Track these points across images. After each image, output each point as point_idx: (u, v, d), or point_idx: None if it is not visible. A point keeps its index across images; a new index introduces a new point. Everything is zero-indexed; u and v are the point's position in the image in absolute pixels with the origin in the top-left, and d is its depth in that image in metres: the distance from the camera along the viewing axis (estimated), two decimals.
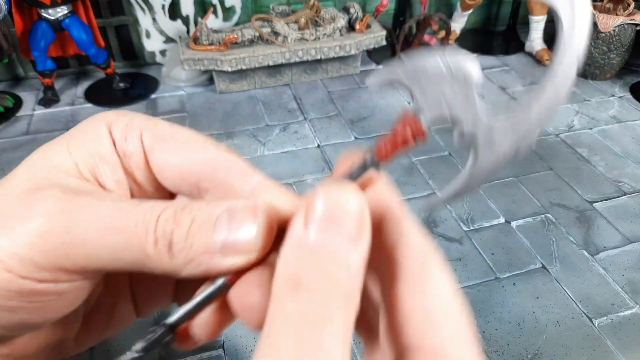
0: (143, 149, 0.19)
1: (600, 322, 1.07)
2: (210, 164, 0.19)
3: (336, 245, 0.14)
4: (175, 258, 0.16)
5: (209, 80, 1.95)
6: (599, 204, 1.38)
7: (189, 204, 0.17)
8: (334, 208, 0.15)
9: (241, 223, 0.16)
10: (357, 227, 0.15)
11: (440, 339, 0.15)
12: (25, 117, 1.75)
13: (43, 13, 1.63)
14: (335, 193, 0.15)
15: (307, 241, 0.14)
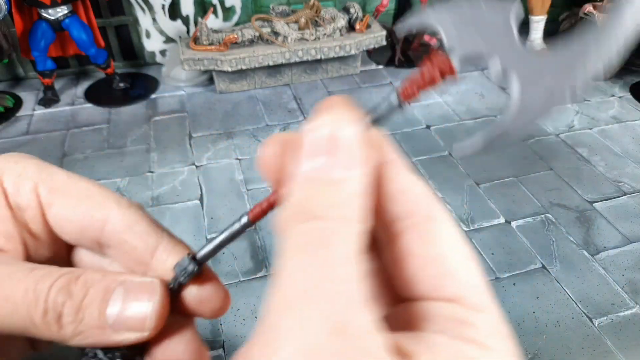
0: (39, 202, 0.18)
1: (600, 322, 1.07)
2: (111, 222, 0.18)
3: (331, 171, 0.14)
4: (64, 329, 0.16)
5: (209, 80, 1.95)
6: (599, 204, 1.38)
7: (84, 273, 0.16)
8: (326, 138, 0.15)
9: (136, 300, 0.16)
10: (350, 153, 0.15)
11: (458, 288, 0.15)
12: (25, 117, 1.75)
13: (43, 13, 1.63)
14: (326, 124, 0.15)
15: (306, 173, 0.15)
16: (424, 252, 0.16)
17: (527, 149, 1.61)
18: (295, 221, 0.14)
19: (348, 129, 0.15)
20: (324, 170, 0.14)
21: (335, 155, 0.14)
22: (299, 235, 0.13)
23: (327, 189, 0.14)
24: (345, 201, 0.14)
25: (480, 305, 0.15)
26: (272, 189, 0.17)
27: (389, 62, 2.10)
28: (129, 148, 1.61)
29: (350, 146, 0.15)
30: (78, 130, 1.69)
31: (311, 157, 0.15)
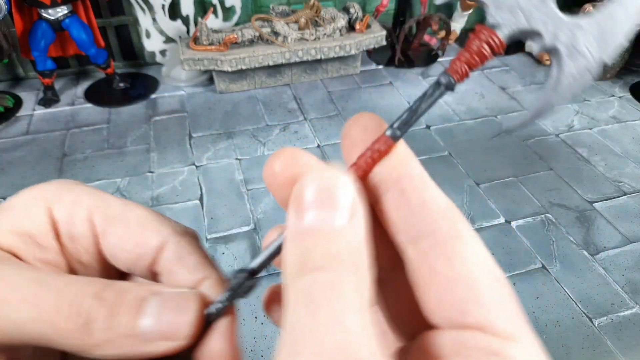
0: (93, 231, 0.18)
1: (600, 322, 1.07)
2: (165, 251, 0.18)
3: (331, 224, 0.14)
4: (94, 337, 0.15)
5: (209, 80, 1.95)
6: (599, 204, 1.38)
7: (118, 282, 0.16)
8: (321, 193, 0.14)
9: (171, 310, 0.16)
10: (348, 205, 0.14)
11: (487, 313, 0.14)
12: (25, 117, 1.75)
13: (43, 13, 1.63)
14: (319, 178, 0.15)
15: (302, 227, 0.14)
16: (449, 273, 0.14)
17: (527, 149, 1.61)
18: (296, 275, 0.14)
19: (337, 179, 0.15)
20: (319, 222, 0.14)
21: (329, 206, 0.14)
22: (302, 288, 0.13)
23: (325, 240, 0.14)
24: (345, 250, 0.14)
25: (513, 333, 0.14)
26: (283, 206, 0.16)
27: (389, 62, 2.10)
28: (129, 148, 1.61)
29: (344, 195, 0.14)
30: (78, 130, 1.69)
31: (303, 211, 0.14)
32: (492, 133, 1.69)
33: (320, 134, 1.67)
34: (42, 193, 0.18)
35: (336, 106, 1.83)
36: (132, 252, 0.18)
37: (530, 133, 1.68)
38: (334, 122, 1.74)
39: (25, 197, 0.18)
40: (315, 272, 0.13)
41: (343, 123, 1.87)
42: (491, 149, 1.60)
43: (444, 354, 0.14)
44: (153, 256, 0.18)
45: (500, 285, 0.14)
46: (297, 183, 0.15)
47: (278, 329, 0.20)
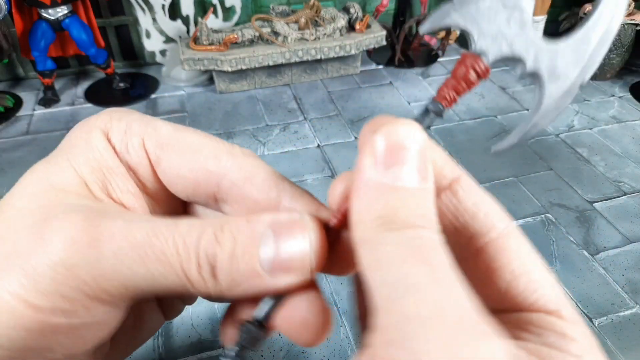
0: (149, 159, 0.17)
1: (601, 322, 1.07)
2: (226, 175, 0.17)
3: (412, 180, 0.14)
4: (220, 283, 0.15)
5: (209, 80, 1.95)
6: (599, 204, 1.38)
7: (227, 222, 0.15)
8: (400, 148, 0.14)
9: (289, 239, 0.15)
10: (424, 164, 0.15)
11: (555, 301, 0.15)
12: (26, 117, 1.75)
13: (43, 13, 1.63)
14: (398, 131, 0.15)
15: (384, 183, 0.14)
16: (510, 267, 0.16)
17: (527, 149, 1.61)
18: (382, 230, 0.14)
19: (418, 139, 0.15)
20: (401, 180, 0.14)
21: (409, 165, 0.14)
22: (399, 244, 0.13)
23: (410, 199, 0.14)
24: (428, 211, 0.14)
25: (574, 319, 0.15)
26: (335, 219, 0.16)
27: (389, 62, 2.10)
28: None
29: (422, 158, 0.15)
30: None
31: (382, 167, 0.14)
32: (493, 133, 1.69)
33: (321, 134, 1.67)
34: (96, 123, 0.17)
35: (336, 106, 1.83)
36: (191, 179, 0.17)
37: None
38: (334, 122, 1.74)
39: (83, 130, 0.17)
40: (411, 229, 0.13)
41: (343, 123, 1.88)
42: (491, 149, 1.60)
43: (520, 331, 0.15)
44: (215, 182, 0.17)
45: (552, 276, 0.16)
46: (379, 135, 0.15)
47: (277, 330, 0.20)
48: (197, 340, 0.99)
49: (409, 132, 0.15)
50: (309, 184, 1.45)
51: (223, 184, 0.17)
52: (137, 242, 0.15)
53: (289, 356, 0.99)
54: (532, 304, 0.15)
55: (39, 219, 0.15)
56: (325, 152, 1.59)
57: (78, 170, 0.17)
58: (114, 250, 0.14)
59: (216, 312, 1.05)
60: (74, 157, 0.17)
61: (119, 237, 0.15)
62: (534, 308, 0.15)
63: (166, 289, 0.15)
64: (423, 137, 0.15)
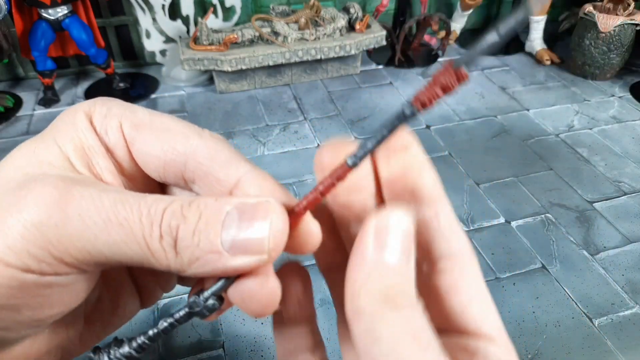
0: (124, 140, 0.18)
1: (600, 322, 1.07)
2: (193, 154, 0.18)
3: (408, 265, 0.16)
4: (181, 255, 0.15)
5: (209, 80, 1.95)
6: (599, 204, 1.38)
7: (196, 199, 0.16)
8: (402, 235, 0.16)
9: (252, 221, 0.16)
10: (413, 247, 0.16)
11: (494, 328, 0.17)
12: (26, 117, 1.75)
13: (43, 13, 1.63)
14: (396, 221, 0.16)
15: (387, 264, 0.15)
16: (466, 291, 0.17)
17: (527, 149, 1.61)
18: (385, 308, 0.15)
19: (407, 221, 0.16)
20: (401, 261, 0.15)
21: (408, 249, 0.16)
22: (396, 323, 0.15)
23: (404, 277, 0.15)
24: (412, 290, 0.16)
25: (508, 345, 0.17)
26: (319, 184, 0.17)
27: (389, 62, 2.10)
28: None
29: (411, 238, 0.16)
30: None
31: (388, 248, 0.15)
32: (493, 133, 1.69)
33: (320, 134, 1.67)
34: (81, 107, 0.19)
35: (336, 106, 1.83)
36: (160, 158, 0.18)
37: (530, 133, 1.68)
38: (334, 122, 1.74)
39: (69, 114, 0.19)
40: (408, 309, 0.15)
41: (343, 123, 1.88)
42: (491, 149, 1.60)
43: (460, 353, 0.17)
44: (182, 161, 0.18)
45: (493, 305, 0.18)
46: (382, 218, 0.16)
47: None
48: (197, 340, 0.99)
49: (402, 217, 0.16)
50: (309, 184, 1.45)
51: (190, 164, 0.18)
52: (103, 207, 0.15)
53: None
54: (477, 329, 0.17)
55: (20, 184, 0.16)
56: None
57: (63, 148, 0.18)
58: (79, 212, 0.15)
59: None
60: (59, 136, 0.18)
61: (87, 201, 0.15)
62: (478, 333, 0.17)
63: (129, 259, 0.16)
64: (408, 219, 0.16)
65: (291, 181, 1.46)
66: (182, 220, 0.15)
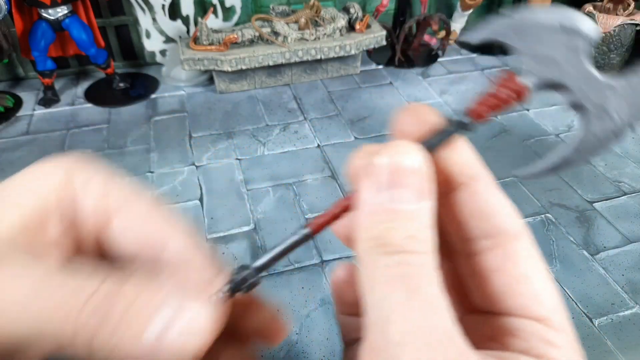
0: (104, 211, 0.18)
1: (600, 322, 1.07)
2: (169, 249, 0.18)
3: (407, 203, 0.15)
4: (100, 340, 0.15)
5: (209, 80, 1.95)
6: (599, 204, 1.38)
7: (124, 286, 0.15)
8: (397, 170, 0.15)
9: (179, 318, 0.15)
10: (421, 184, 0.15)
11: (546, 309, 0.16)
12: (26, 117, 1.75)
13: (43, 13, 1.63)
14: (396, 155, 0.15)
15: (381, 204, 0.15)
16: (512, 271, 0.17)
17: (527, 149, 1.61)
18: (378, 253, 0.15)
19: (414, 160, 0.15)
20: (397, 201, 0.15)
21: (405, 186, 0.15)
22: (387, 267, 0.14)
23: (404, 221, 0.15)
24: (422, 233, 0.15)
25: (562, 327, 0.16)
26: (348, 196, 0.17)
27: (389, 62, 2.10)
28: (129, 148, 1.61)
29: (419, 178, 0.15)
30: (78, 130, 1.69)
31: (380, 189, 0.15)
32: (493, 133, 1.69)
33: (321, 134, 1.67)
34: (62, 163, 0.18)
35: (336, 106, 1.83)
36: (136, 243, 0.18)
37: (530, 133, 1.68)
38: (334, 122, 1.74)
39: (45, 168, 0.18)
40: (401, 253, 0.14)
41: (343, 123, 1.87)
42: (491, 149, 1.60)
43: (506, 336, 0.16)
44: (157, 250, 0.18)
45: (552, 286, 0.17)
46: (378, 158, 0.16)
47: None
48: None
49: (406, 154, 0.15)
50: (308, 184, 1.45)
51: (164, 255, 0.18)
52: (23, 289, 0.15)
53: (289, 356, 0.99)
54: (523, 309, 0.16)
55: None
56: (325, 152, 1.59)
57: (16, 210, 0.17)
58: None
59: None
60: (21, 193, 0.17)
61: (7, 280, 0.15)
62: (524, 314, 0.16)
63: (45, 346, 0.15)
64: (420, 159, 0.15)
65: (291, 181, 1.46)
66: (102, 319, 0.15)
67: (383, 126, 1.72)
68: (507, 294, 0.16)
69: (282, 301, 1.08)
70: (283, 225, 1.30)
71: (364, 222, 0.15)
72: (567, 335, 0.16)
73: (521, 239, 0.17)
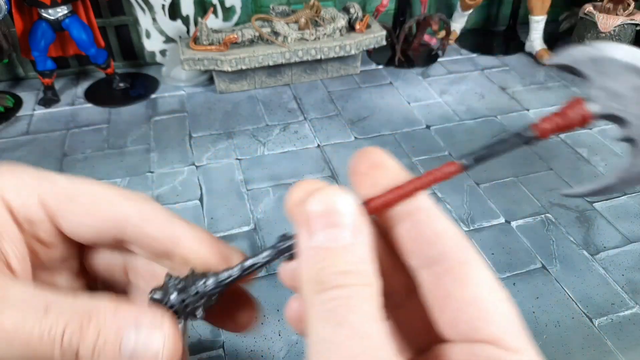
0: (48, 213, 0.18)
1: (600, 322, 1.07)
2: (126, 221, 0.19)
3: (341, 241, 0.16)
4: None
5: (209, 80, 1.95)
6: (598, 204, 1.38)
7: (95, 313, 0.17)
8: (329, 212, 0.16)
9: (149, 336, 0.17)
10: (353, 220, 0.16)
11: (497, 330, 0.16)
12: (26, 117, 1.75)
13: (43, 13, 1.63)
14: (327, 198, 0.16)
15: (313, 247, 0.16)
16: (462, 295, 0.17)
17: (526, 149, 1.61)
18: (313, 292, 0.15)
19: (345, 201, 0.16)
20: (331, 241, 0.16)
21: (338, 226, 0.16)
22: (320, 305, 0.15)
23: (337, 257, 0.15)
24: (354, 266, 0.15)
25: (518, 347, 0.16)
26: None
27: (389, 62, 2.10)
28: (129, 148, 1.61)
29: (351, 216, 0.16)
30: (78, 130, 1.69)
31: (314, 233, 0.16)
32: (493, 133, 1.69)
33: (320, 134, 1.67)
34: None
35: (336, 106, 1.83)
36: (92, 227, 0.19)
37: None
38: (334, 122, 1.74)
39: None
40: (332, 289, 0.15)
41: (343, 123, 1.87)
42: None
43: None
44: (116, 227, 0.19)
45: (506, 305, 0.17)
46: (305, 204, 0.16)
47: (277, 330, 0.21)
48: (197, 340, 0.99)
49: (337, 196, 0.16)
50: None
51: (126, 229, 0.19)
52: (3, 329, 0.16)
53: (289, 356, 0.99)
54: (475, 332, 0.16)
55: None
56: (325, 152, 1.59)
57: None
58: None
59: None
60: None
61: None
62: (477, 338, 0.16)
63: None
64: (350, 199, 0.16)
65: (291, 181, 1.46)
66: (82, 340, 0.16)
67: (383, 126, 1.72)
68: (458, 319, 0.16)
69: (282, 300, 1.08)
70: (283, 225, 1.30)
71: (303, 267, 0.16)
72: (522, 354, 0.16)
73: (469, 262, 0.17)
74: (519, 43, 2.22)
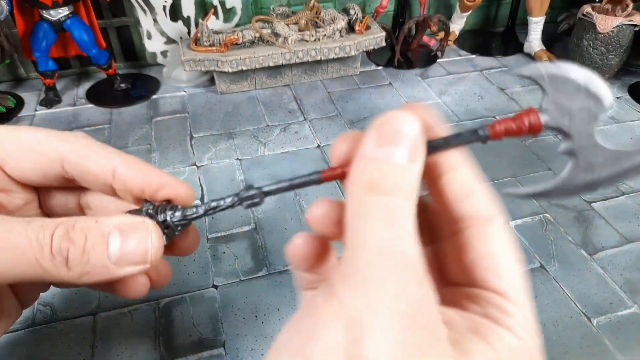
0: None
1: (599, 322, 1.08)
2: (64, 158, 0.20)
3: (400, 159, 0.18)
4: (73, 271, 0.17)
5: (210, 81, 1.96)
6: (597, 204, 1.39)
7: (79, 221, 0.18)
8: (398, 132, 0.18)
9: (133, 238, 0.18)
10: (414, 146, 0.19)
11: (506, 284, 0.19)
12: (27, 118, 1.76)
13: (44, 14, 1.64)
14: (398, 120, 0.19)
15: (378, 156, 0.18)
16: (481, 248, 0.20)
17: (525, 149, 1.62)
18: (367, 194, 0.17)
19: (413, 128, 0.19)
20: (392, 156, 0.18)
21: (402, 146, 0.18)
22: (373, 205, 0.17)
23: (395, 171, 0.18)
24: (407, 185, 0.18)
25: (519, 301, 0.19)
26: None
27: (388, 63, 2.11)
28: (131, 148, 1.61)
29: (414, 141, 0.19)
30: (80, 130, 1.70)
31: (380, 144, 0.18)
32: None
33: (320, 134, 1.68)
34: None
35: (336, 107, 1.84)
36: (35, 170, 0.21)
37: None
38: (334, 122, 1.75)
39: None
40: (384, 195, 0.17)
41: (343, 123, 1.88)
42: (490, 150, 1.61)
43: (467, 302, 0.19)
44: (57, 167, 0.20)
45: (517, 267, 0.20)
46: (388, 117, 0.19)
47: (277, 329, 0.22)
48: (198, 339, 1.00)
49: (405, 120, 0.19)
50: None
51: (65, 166, 0.20)
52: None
53: None
54: (486, 283, 0.19)
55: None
56: (325, 152, 1.60)
57: None
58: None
59: (217, 311, 1.06)
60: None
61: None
62: (486, 286, 0.19)
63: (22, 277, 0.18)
64: (417, 127, 0.19)
65: None
66: (70, 243, 0.17)
67: None
68: (473, 268, 0.20)
69: (282, 299, 1.09)
70: (283, 225, 1.30)
71: (360, 168, 0.18)
72: (522, 308, 0.19)
73: (494, 222, 0.21)
74: (518, 44, 2.23)
